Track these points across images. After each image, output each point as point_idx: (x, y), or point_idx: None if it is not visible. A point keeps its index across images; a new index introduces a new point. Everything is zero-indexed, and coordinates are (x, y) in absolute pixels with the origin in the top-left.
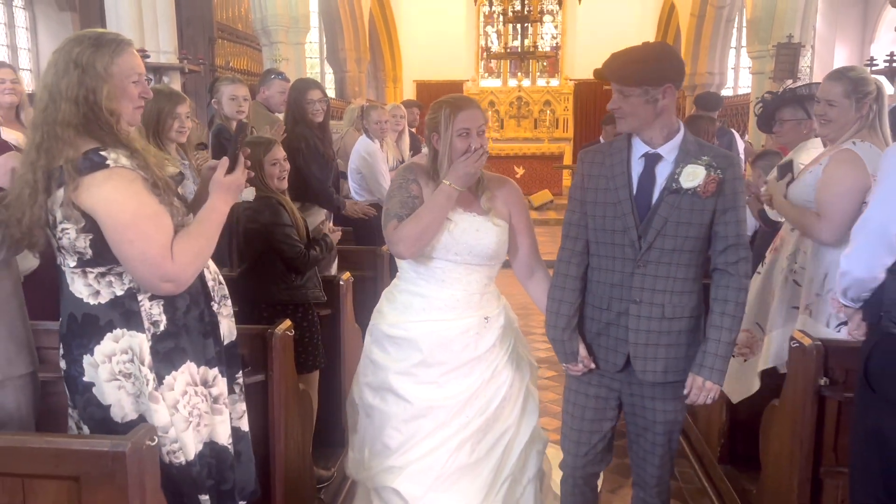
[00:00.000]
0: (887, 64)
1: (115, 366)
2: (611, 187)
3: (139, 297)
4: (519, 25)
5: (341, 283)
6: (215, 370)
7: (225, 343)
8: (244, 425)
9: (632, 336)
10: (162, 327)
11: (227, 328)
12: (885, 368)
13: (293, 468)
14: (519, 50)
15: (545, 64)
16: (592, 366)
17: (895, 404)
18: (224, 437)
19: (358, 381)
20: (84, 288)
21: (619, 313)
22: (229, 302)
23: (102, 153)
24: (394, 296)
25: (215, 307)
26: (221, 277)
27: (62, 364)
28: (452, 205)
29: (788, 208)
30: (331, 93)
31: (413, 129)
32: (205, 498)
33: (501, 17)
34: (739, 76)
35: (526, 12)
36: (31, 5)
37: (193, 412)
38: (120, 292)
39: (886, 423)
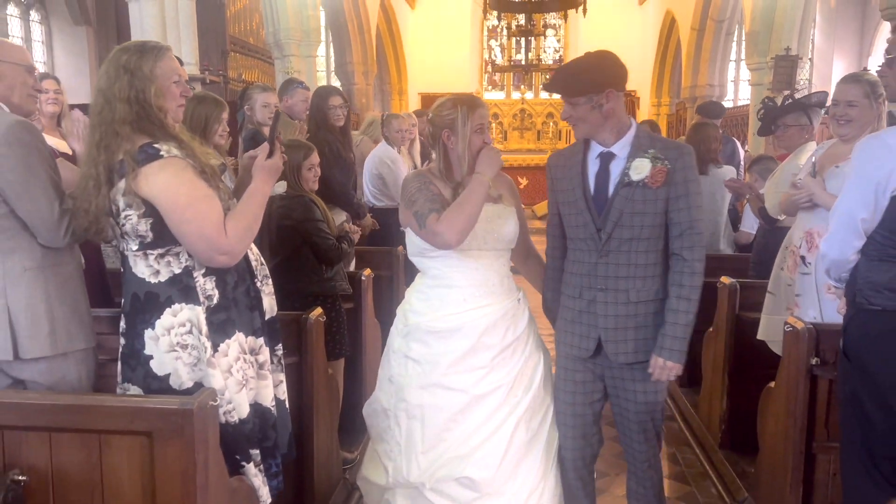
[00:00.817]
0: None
1: (173, 338)
2: (569, 188)
3: (194, 274)
4: (522, 39)
5: (363, 278)
6: (261, 340)
7: (266, 318)
8: (281, 393)
9: (601, 321)
10: (215, 300)
11: (269, 305)
12: (859, 340)
13: (323, 445)
14: (522, 63)
15: (548, 77)
16: None
17: (867, 372)
18: (268, 400)
19: (394, 385)
20: (146, 268)
21: (590, 301)
22: (270, 281)
23: (156, 146)
24: (425, 293)
25: (258, 284)
26: (263, 259)
27: (122, 340)
28: (487, 193)
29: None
30: None
31: (422, 137)
32: (255, 451)
33: (505, 31)
34: (739, 88)
35: (529, 26)
36: (46, 19)
37: (244, 377)
38: (178, 270)
39: (860, 389)
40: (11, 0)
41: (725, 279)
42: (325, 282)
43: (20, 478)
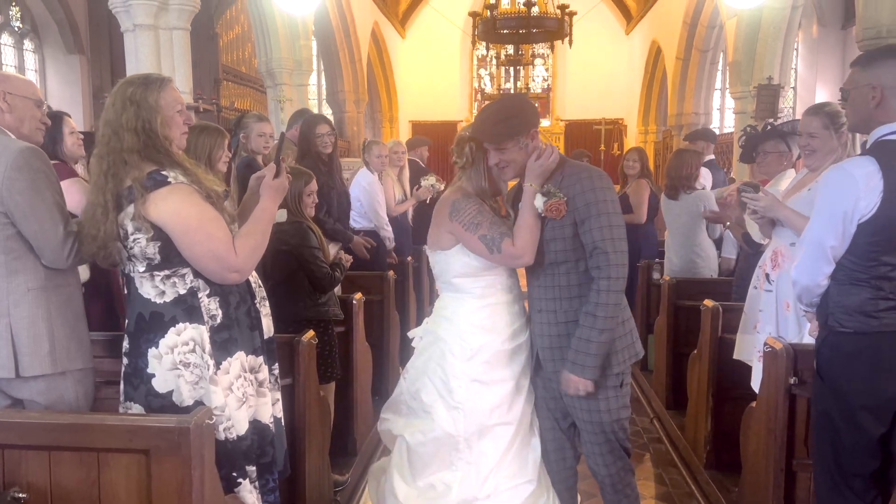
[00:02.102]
0: None
1: (176, 356)
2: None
3: (199, 295)
4: (511, 68)
5: (354, 302)
6: (261, 358)
7: (265, 338)
8: (277, 411)
9: (538, 340)
10: (218, 320)
11: (267, 325)
12: (832, 361)
13: (315, 466)
14: (511, 91)
15: (537, 105)
16: None
17: (838, 391)
18: (266, 417)
19: (461, 411)
20: (152, 289)
21: (533, 322)
22: (268, 303)
23: (163, 172)
24: (479, 313)
25: (258, 305)
26: (261, 282)
27: (125, 360)
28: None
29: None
30: None
31: (422, 163)
32: (251, 468)
33: (495, 61)
34: (725, 116)
35: (518, 56)
36: (40, 48)
37: (244, 394)
38: (183, 291)
39: (832, 408)
40: (5, 29)
41: (708, 302)
42: (319, 307)
43: (20, 495)
